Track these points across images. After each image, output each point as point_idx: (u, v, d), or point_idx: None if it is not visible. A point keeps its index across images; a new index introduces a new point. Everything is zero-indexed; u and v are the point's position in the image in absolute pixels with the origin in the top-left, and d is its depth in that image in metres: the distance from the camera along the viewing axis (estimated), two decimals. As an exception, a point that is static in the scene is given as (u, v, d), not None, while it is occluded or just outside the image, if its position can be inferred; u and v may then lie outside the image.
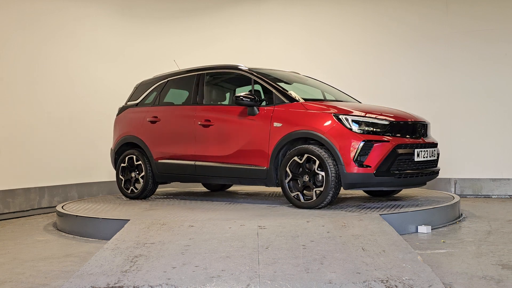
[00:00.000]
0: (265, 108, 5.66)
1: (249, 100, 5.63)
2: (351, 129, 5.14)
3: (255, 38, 9.11)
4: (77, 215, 5.36)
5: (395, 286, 3.00)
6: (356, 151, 5.05)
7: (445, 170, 8.12)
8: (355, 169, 5.05)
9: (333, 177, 5.11)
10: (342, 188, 5.27)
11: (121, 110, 7.05)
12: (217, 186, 7.78)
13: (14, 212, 6.90)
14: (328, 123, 5.22)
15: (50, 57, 7.65)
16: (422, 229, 4.99)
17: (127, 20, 8.88)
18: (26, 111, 7.25)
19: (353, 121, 5.18)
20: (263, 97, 5.94)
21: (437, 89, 8.24)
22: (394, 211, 5.03)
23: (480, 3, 8.04)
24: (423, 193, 6.72)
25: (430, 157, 5.57)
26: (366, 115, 5.28)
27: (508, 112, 7.88)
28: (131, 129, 6.75)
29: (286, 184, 5.42)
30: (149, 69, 7.74)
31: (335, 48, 8.78)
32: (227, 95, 6.72)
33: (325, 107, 5.39)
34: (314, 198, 5.26)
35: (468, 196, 7.97)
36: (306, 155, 5.26)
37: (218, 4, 9.30)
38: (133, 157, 6.65)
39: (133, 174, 6.65)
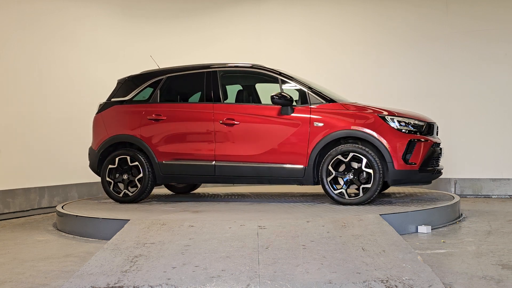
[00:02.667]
0: (301, 107, 5.73)
1: (285, 99, 5.65)
2: (397, 129, 5.50)
3: (255, 38, 9.11)
4: (77, 215, 5.36)
5: (395, 286, 3.00)
6: (405, 149, 5.44)
7: (445, 170, 8.10)
8: (403, 166, 5.43)
9: (380, 174, 5.40)
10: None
11: (105, 106, 6.50)
12: (186, 187, 7.39)
13: (14, 212, 6.90)
14: (376, 123, 5.50)
15: (50, 57, 7.65)
16: (422, 229, 4.99)
17: (127, 20, 8.87)
18: (26, 111, 7.24)
19: (398, 121, 5.54)
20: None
21: (437, 89, 8.24)
22: (394, 211, 5.03)
23: (480, 3, 8.05)
24: (423, 193, 6.72)
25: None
26: (407, 117, 5.67)
27: (508, 112, 7.89)
28: (124, 127, 6.28)
29: (328, 182, 5.55)
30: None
31: (335, 48, 8.79)
32: (247, 94, 6.50)
33: (364, 108, 5.67)
34: (361, 194, 5.47)
35: (468, 196, 7.97)
36: (351, 154, 5.46)
37: (218, 4, 9.31)
38: (126, 158, 6.19)
39: (125, 176, 6.19)
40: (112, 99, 6.51)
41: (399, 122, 5.54)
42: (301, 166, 5.65)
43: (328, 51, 8.78)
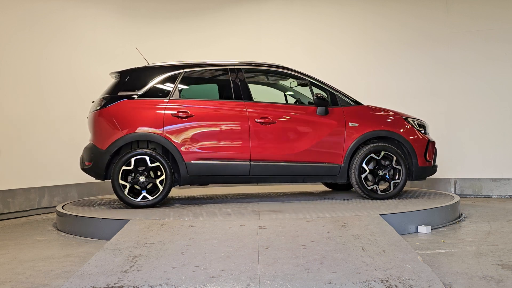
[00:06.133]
0: (334, 109, 6.03)
1: (325, 100, 5.91)
2: (418, 130, 6.17)
3: (255, 38, 9.11)
4: (77, 215, 5.36)
5: (395, 286, 3.00)
6: (425, 148, 6.11)
7: (445, 170, 8.12)
8: (424, 163, 6.11)
9: (408, 171, 6.02)
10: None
11: (112, 100, 5.86)
12: None
13: (14, 212, 6.90)
14: (402, 124, 6.14)
15: (50, 58, 7.65)
16: (422, 229, 4.99)
17: (127, 20, 8.87)
18: (26, 111, 7.24)
19: (417, 123, 6.23)
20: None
21: (437, 89, 8.24)
22: (394, 211, 5.03)
23: (480, 2, 8.05)
24: (423, 193, 6.72)
25: None
26: (418, 119, 6.33)
27: (508, 112, 7.88)
28: (143, 124, 5.73)
29: (362, 179, 5.93)
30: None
31: (335, 48, 8.78)
32: (272, 93, 6.58)
33: (387, 110, 6.23)
34: (392, 189, 6.00)
35: (468, 196, 7.97)
36: (383, 152, 5.95)
37: (218, 4, 9.30)
38: (145, 158, 5.65)
39: (142, 178, 5.65)
40: (120, 93, 5.90)
41: (417, 124, 6.22)
42: (337, 164, 5.94)
43: (328, 51, 8.78)
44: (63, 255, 4.41)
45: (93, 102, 6.23)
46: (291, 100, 6.64)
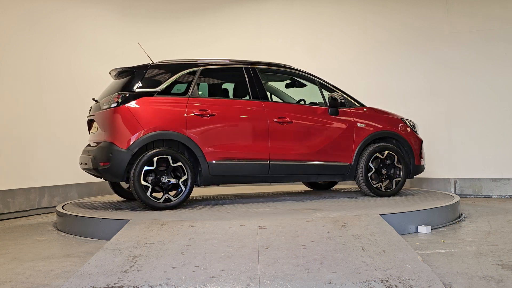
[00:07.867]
0: (343, 110, 6.23)
1: (338, 101, 6.10)
2: (414, 131, 6.55)
3: (255, 38, 9.11)
4: (77, 215, 5.36)
5: (395, 286, 3.00)
6: (420, 148, 6.50)
7: (445, 170, 8.12)
8: (419, 161, 6.48)
9: (408, 169, 6.33)
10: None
11: (130, 97, 5.51)
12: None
13: (14, 212, 6.90)
14: (402, 126, 6.46)
15: (50, 58, 7.65)
16: (422, 229, 4.99)
17: (127, 20, 8.87)
18: (26, 111, 7.24)
19: (412, 125, 6.57)
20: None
21: (437, 89, 8.24)
22: (394, 211, 5.03)
23: (480, 3, 8.05)
24: (423, 193, 6.72)
25: None
26: (410, 119, 6.65)
27: (508, 112, 7.88)
28: (166, 123, 5.49)
29: (369, 177, 6.15)
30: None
31: (335, 48, 8.78)
32: (281, 93, 6.70)
33: (386, 112, 6.53)
34: (394, 186, 6.26)
35: (468, 196, 7.97)
36: (387, 151, 6.21)
37: (218, 4, 9.30)
38: (167, 157, 5.43)
39: (164, 179, 5.43)
40: (137, 90, 5.59)
41: (412, 125, 6.55)
42: (347, 163, 6.14)
43: (328, 51, 8.78)
44: (63, 255, 4.41)
45: (94, 99, 6.17)
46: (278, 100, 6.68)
